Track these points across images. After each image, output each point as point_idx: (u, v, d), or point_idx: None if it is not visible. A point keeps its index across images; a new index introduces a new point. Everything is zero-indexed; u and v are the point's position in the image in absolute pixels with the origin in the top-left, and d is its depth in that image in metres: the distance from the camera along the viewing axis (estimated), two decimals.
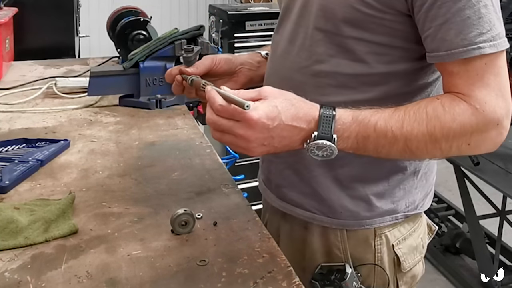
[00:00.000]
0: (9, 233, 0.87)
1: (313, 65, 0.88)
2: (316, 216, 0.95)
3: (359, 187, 0.92)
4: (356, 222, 0.93)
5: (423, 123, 0.76)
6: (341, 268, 0.92)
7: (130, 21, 1.93)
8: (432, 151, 0.79)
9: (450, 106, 0.77)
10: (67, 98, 1.66)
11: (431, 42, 0.79)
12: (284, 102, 0.75)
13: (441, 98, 0.79)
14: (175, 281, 0.77)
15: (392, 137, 0.77)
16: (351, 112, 0.78)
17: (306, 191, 0.95)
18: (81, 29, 2.68)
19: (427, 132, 0.76)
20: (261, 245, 0.87)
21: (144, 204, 1.00)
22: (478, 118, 0.76)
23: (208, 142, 1.32)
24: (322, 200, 0.93)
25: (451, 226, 2.96)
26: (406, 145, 0.77)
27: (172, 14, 5.42)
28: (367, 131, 0.77)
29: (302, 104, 0.77)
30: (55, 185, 1.07)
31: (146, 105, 1.59)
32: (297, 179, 0.95)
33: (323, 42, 0.86)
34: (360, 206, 0.92)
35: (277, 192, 1.01)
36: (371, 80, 0.86)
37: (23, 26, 2.22)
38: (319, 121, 0.75)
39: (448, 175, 2.59)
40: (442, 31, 0.76)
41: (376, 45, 0.83)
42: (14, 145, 1.25)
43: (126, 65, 1.59)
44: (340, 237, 0.94)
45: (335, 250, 0.95)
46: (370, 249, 0.94)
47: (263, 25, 2.71)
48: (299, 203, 0.96)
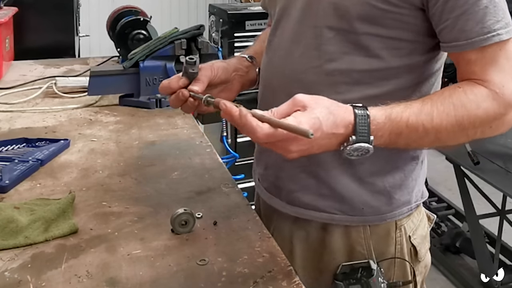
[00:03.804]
0: (9, 232, 0.87)
1: (325, 64, 0.88)
2: (335, 216, 0.93)
3: (378, 181, 0.92)
4: (378, 217, 0.94)
5: (451, 114, 0.79)
6: (365, 265, 0.92)
7: (130, 21, 1.93)
8: (460, 139, 0.83)
9: (473, 94, 0.80)
10: (67, 97, 1.66)
11: (449, 33, 0.81)
12: (323, 110, 0.75)
13: (463, 87, 0.81)
14: (175, 280, 0.77)
15: (423, 131, 0.79)
16: (384, 111, 0.79)
17: (324, 193, 0.93)
18: (81, 29, 2.68)
19: (455, 122, 0.79)
20: (261, 244, 0.87)
21: (144, 203, 1.00)
22: (499, 102, 0.79)
23: (208, 141, 1.33)
24: (342, 199, 0.92)
25: (451, 225, 2.96)
26: (437, 137, 0.80)
27: (172, 14, 5.42)
28: (400, 128, 0.78)
29: (338, 109, 0.76)
30: (55, 184, 1.07)
31: (146, 105, 1.59)
32: (313, 181, 0.93)
33: (335, 41, 0.86)
34: (381, 201, 0.93)
35: (289, 197, 0.97)
36: (386, 74, 0.87)
37: (23, 26, 2.22)
38: (355, 125, 0.76)
39: (448, 175, 2.59)
40: (461, 21, 0.79)
41: (390, 39, 0.85)
42: (14, 145, 1.25)
43: (126, 65, 1.60)
44: (363, 233, 0.94)
45: (358, 248, 0.94)
46: (391, 242, 0.96)
47: (263, 24, 2.70)
48: (316, 206, 0.94)
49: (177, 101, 0.94)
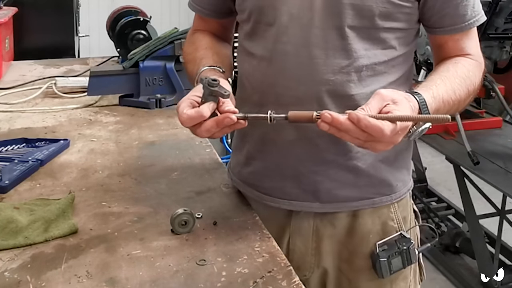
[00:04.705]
0: (9, 232, 0.87)
1: (354, 62, 0.91)
2: (375, 200, 1.00)
3: (400, 159, 1.02)
4: (406, 189, 1.05)
5: (463, 85, 0.93)
6: (397, 237, 1.00)
7: (130, 21, 1.94)
8: (466, 104, 0.97)
9: (470, 66, 0.95)
10: (67, 97, 1.66)
11: (449, 19, 0.95)
12: (404, 101, 0.81)
13: (460, 61, 0.96)
14: (175, 280, 0.77)
15: (452, 104, 0.91)
16: (430, 93, 0.87)
17: (360, 183, 0.98)
18: (81, 29, 2.68)
19: (467, 91, 0.94)
20: (260, 244, 0.87)
21: (144, 203, 1.00)
22: (481, 68, 0.98)
23: (208, 141, 1.33)
24: (380, 182, 0.99)
25: (451, 225, 2.95)
26: (458, 106, 0.93)
27: (172, 14, 5.42)
28: (439, 104, 0.88)
29: (408, 98, 0.83)
30: (55, 184, 1.07)
31: (146, 105, 1.59)
32: (351, 175, 0.96)
33: (358, 39, 0.91)
34: (405, 173, 1.05)
35: (327, 196, 0.97)
36: (398, 61, 0.96)
37: (23, 26, 2.22)
38: (420, 111, 0.83)
39: (448, 175, 2.59)
40: (461, 8, 0.94)
41: (399, 30, 0.94)
42: (14, 145, 1.25)
43: (126, 65, 1.60)
44: (393, 208, 1.02)
45: (390, 223, 1.02)
46: (409, 210, 1.07)
47: None
48: (350, 196, 0.98)
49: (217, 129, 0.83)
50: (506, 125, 2.49)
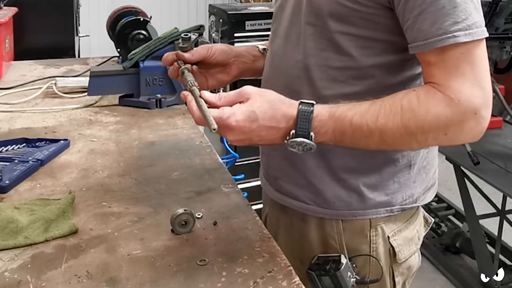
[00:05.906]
0: (9, 232, 0.87)
1: (305, 59, 0.91)
2: (310, 207, 0.97)
3: (352, 178, 0.93)
4: (349, 213, 0.94)
5: (398, 116, 0.78)
6: (336, 258, 0.94)
7: (130, 21, 1.93)
8: (409, 143, 0.81)
9: (425, 98, 0.78)
10: (67, 97, 1.66)
11: (410, 33, 0.80)
12: (263, 104, 0.79)
13: (417, 90, 0.80)
14: (175, 280, 0.77)
15: (367, 131, 0.79)
16: (329, 109, 0.81)
17: (301, 183, 0.97)
18: (81, 29, 2.68)
19: (401, 124, 0.78)
20: (261, 244, 0.87)
21: (144, 203, 1.00)
22: (453, 108, 0.76)
23: (208, 141, 1.33)
24: (317, 191, 0.95)
25: (451, 225, 2.96)
26: (382, 138, 0.79)
27: (172, 14, 5.42)
28: (344, 127, 0.80)
29: (281, 105, 0.80)
30: (55, 184, 1.07)
31: (146, 105, 1.59)
32: (292, 170, 0.97)
33: (314, 37, 0.90)
34: (352, 197, 0.94)
35: (275, 184, 1.03)
36: (358, 73, 0.88)
37: (23, 26, 2.22)
38: (297, 120, 0.79)
39: (448, 175, 2.58)
40: (419, 22, 0.78)
41: (361, 38, 0.86)
42: (14, 145, 1.25)
43: (126, 65, 1.60)
44: (335, 228, 0.96)
45: (330, 241, 0.96)
46: (365, 240, 0.96)
47: (263, 24, 2.70)
48: (295, 195, 0.98)
49: (171, 70, 0.99)
50: (506, 125, 2.49)
